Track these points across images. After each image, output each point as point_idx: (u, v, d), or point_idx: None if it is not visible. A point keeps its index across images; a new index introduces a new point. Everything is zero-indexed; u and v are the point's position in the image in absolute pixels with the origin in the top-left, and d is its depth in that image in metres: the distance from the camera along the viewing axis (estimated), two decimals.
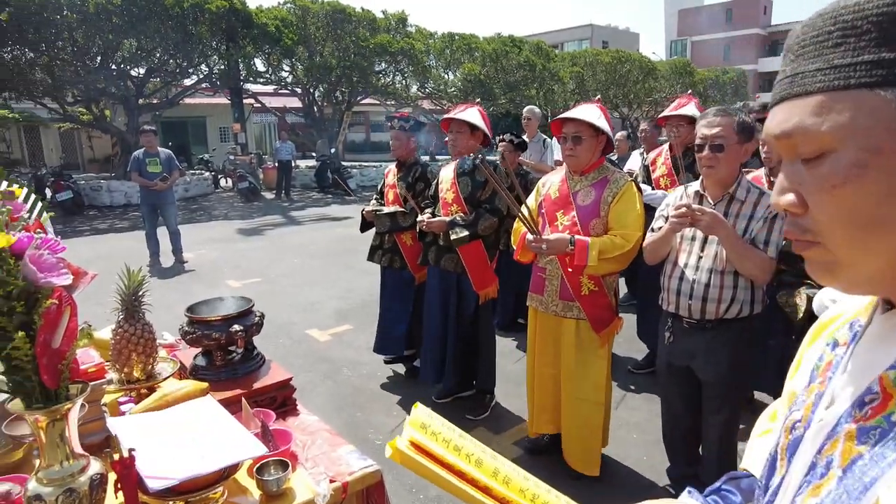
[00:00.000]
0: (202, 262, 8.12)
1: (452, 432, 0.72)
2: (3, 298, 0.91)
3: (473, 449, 0.71)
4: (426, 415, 0.71)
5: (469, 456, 0.70)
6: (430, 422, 0.71)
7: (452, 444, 0.70)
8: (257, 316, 1.71)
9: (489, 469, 0.70)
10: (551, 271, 2.78)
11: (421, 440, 0.67)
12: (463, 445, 0.71)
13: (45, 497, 0.99)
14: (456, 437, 0.71)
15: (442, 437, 0.70)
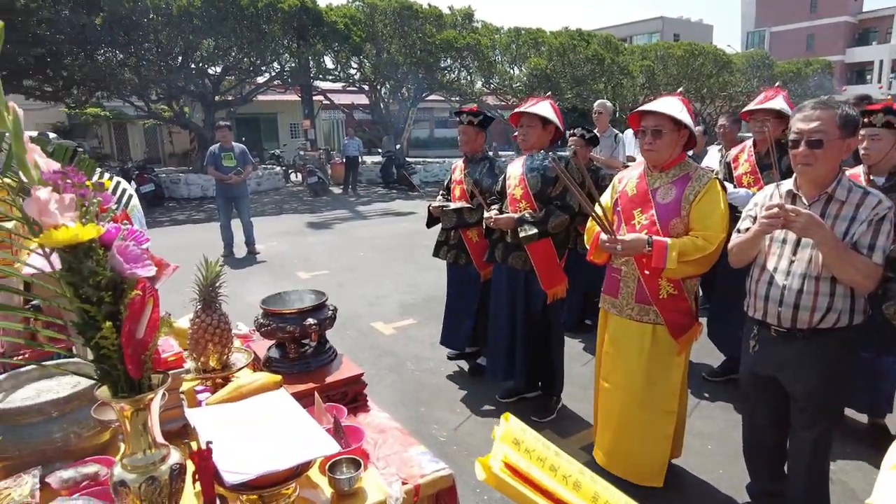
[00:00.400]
0: (273, 253, 8.38)
1: (547, 450, 0.66)
2: (92, 288, 0.93)
3: (570, 469, 0.65)
4: (519, 429, 0.66)
5: (566, 478, 0.65)
6: (524, 437, 0.65)
7: (548, 462, 0.64)
8: (330, 310, 1.70)
9: (588, 493, 0.64)
10: (627, 273, 2.66)
11: (515, 461, 0.62)
12: (559, 465, 0.65)
13: (129, 483, 1.01)
14: (551, 455, 0.65)
15: (536, 456, 0.64)
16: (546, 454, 0.65)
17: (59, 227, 0.89)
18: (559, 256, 3.31)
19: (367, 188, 17.22)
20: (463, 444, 3.35)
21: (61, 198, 0.91)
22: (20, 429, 1.28)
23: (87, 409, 1.32)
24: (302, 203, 14.23)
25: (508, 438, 0.65)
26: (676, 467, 3.02)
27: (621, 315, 2.70)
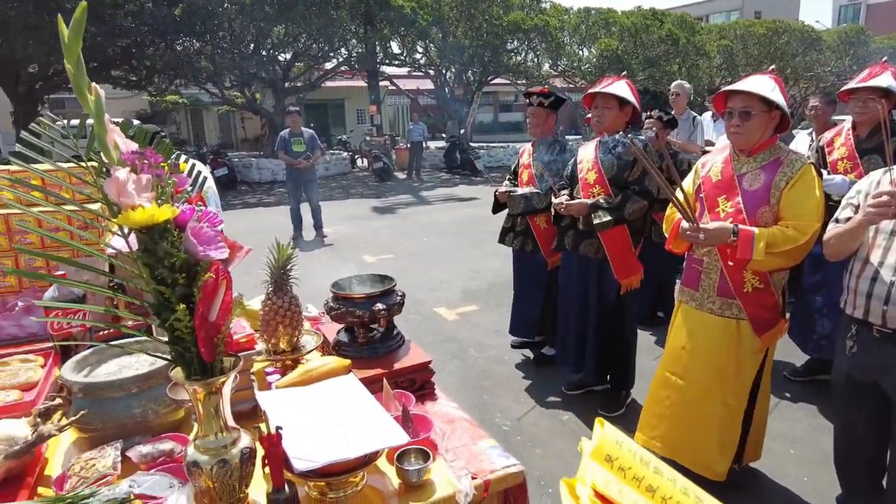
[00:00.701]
0: (340, 237, 8.54)
1: (646, 466, 0.58)
2: (167, 270, 0.92)
3: (671, 489, 0.57)
4: (614, 442, 0.58)
5: (665, 500, 0.57)
6: (619, 452, 0.58)
7: (646, 482, 0.57)
8: (399, 295, 1.68)
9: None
10: (709, 264, 2.50)
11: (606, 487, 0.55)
12: (658, 484, 0.57)
13: (201, 464, 1.01)
14: (649, 473, 0.58)
15: (632, 475, 0.57)
16: (643, 472, 0.58)
17: (136, 207, 0.89)
18: (634, 245, 3.16)
19: (431, 173, 17.25)
20: (527, 434, 3.29)
21: (138, 178, 0.91)
22: (104, 402, 1.32)
23: (164, 387, 1.35)
24: (367, 188, 14.44)
25: (600, 454, 0.57)
26: (755, 471, 2.85)
27: (701, 309, 2.55)
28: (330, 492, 1.17)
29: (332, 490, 1.17)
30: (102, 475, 1.16)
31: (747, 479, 2.77)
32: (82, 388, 1.32)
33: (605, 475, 0.55)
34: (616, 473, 0.56)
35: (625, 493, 0.54)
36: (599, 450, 0.56)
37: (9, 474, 1.23)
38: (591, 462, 0.56)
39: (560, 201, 3.19)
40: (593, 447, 0.57)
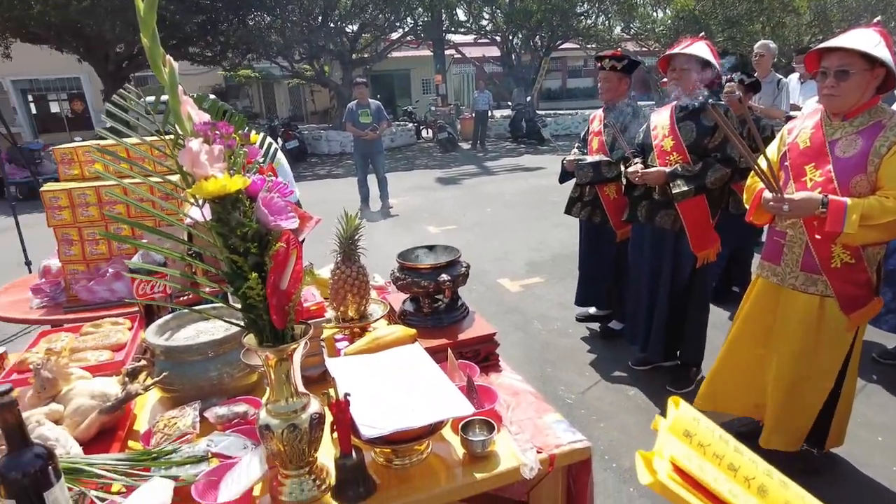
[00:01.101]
0: (405, 207, 8.62)
1: (725, 444, 0.54)
2: (239, 239, 0.95)
3: (754, 469, 0.53)
4: (691, 419, 0.55)
5: (749, 480, 0.53)
6: (697, 428, 0.54)
7: (727, 460, 0.53)
8: (464, 266, 1.67)
9: (777, 499, 0.52)
10: (793, 237, 2.34)
11: (685, 460, 0.51)
12: (740, 463, 0.53)
13: (273, 428, 1.05)
14: (731, 452, 0.54)
15: (712, 452, 0.53)
16: (724, 450, 0.54)
17: (209, 178, 0.91)
18: (712, 215, 3.00)
19: (496, 143, 17.03)
20: (591, 408, 3.24)
21: (211, 149, 0.93)
22: (183, 365, 1.39)
23: (238, 352, 1.40)
24: (432, 158, 14.45)
25: (678, 430, 0.54)
26: (837, 457, 2.70)
27: (783, 284, 2.40)
28: (395, 459, 1.19)
29: (398, 457, 1.19)
30: (183, 433, 1.23)
31: (827, 464, 2.63)
32: (164, 351, 1.39)
33: (685, 450, 0.52)
34: (696, 449, 0.52)
35: (705, 468, 0.51)
36: (677, 425, 0.53)
37: (103, 427, 1.33)
38: (669, 436, 0.53)
39: (635, 170, 3.05)
40: (671, 422, 0.53)
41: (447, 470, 1.18)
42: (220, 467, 1.12)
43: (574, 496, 1.31)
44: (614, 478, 2.69)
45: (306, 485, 1.09)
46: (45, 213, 2.50)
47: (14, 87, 18.74)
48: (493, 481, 1.16)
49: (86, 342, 1.74)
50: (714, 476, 0.51)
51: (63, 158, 2.61)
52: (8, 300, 2.76)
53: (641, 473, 0.51)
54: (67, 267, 2.59)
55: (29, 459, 0.92)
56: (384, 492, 1.12)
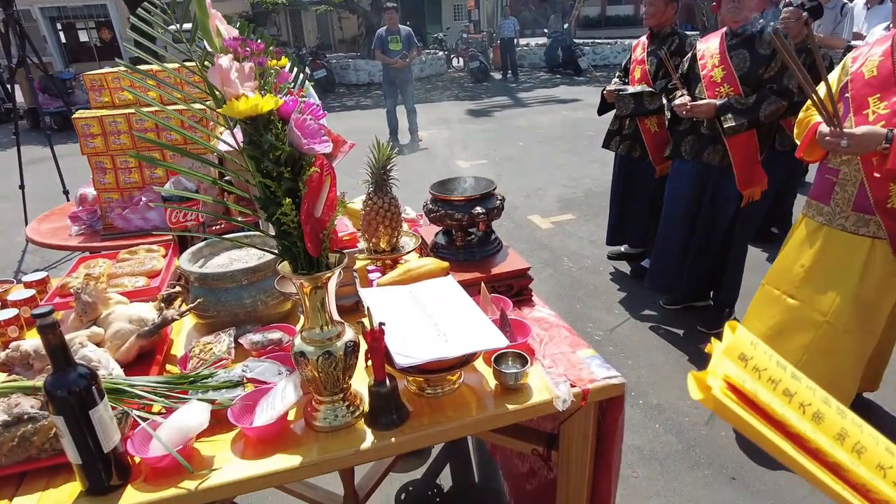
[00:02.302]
0: (435, 140, 8.46)
1: (783, 370, 0.50)
2: (272, 163, 0.91)
3: (811, 396, 0.50)
4: (748, 343, 0.51)
5: (804, 406, 0.49)
6: (753, 353, 0.50)
7: (782, 386, 0.49)
8: (498, 199, 1.61)
9: (832, 429, 0.49)
10: (846, 174, 2.20)
11: (740, 380, 0.48)
12: (797, 390, 0.50)
13: (307, 355, 1.05)
14: (787, 377, 0.50)
15: (768, 377, 0.50)
16: (780, 375, 0.50)
17: (240, 97, 0.87)
18: (760, 152, 2.85)
19: (530, 73, 16.43)
20: (620, 345, 3.24)
21: (241, 67, 0.88)
22: (217, 292, 1.40)
23: (272, 280, 1.40)
24: (463, 89, 14.06)
25: (733, 353, 0.50)
26: (869, 402, 2.66)
27: (831, 225, 2.29)
28: (428, 388, 1.19)
29: (430, 386, 1.19)
30: (219, 359, 1.25)
31: (858, 409, 2.59)
32: (198, 278, 1.40)
33: (739, 372, 0.48)
34: (750, 373, 0.49)
35: (759, 392, 0.48)
36: (733, 348, 0.49)
37: (142, 351, 1.36)
38: (724, 359, 0.49)
39: (683, 102, 2.88)
40: (726, 344, 0.50)
41: (479, 401, 1.17)
42: (255, 392, 1.14)
43: (604, 432, 1.31)
44: (640, 414, 2.71)
45: (340, 411, 1.10)
46: (79, 140, 2.50)
47: (42, 15, 18.62)
48: (525, 413, 1.15)
49: (122, 268, 1.76)
50: (768, 400, 0.48)
51: (93, 85, 2.58)
52: (48, 227, 2.83)
53: (692, 390, 0.48)
54: (102, 195, 2.61)
55: (73, 379, 0.94)
56: (416, 419, 1.13)
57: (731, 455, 2.44)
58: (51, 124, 9.58)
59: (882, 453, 0.49)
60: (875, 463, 0.48)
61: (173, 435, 1.02)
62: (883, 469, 0.48)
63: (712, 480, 2.33)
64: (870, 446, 0.49)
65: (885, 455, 0.48)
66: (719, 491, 2.28)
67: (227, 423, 1.11)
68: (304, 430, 1.12)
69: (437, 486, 2.36)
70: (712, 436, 2.55)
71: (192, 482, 1.01)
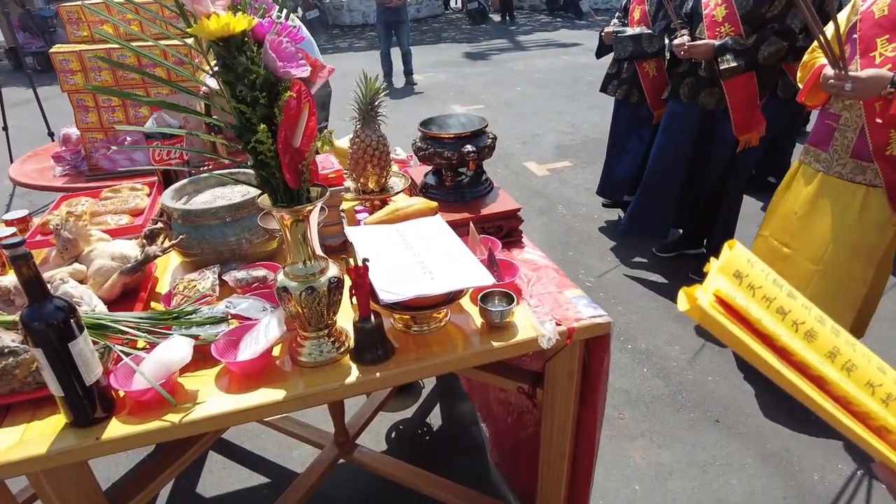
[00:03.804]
0: (430, 84, 8.26)
1: (779, 288, 0.49)
2: (247, 88, 0.87)
3: (805, 315, 0.49)
4: (744, 260, 0.49)
5: (797, 324, 0.48)
6: (749, 270, 0.49)
7: (776, 304, 0.48)
8: (490, 138, 1.57)
9: (825, 347, 0.48)
10: (847, 120, 2.15)
11: (732, 296, 0.46)
12: (791, 307, 0.49)
13: (290, 290, 1.03)
14: (782, 295, 0.49)
15: (762, 294, 0.48)
16: (775, 293, 0.49)
17: (211, 16, 0.82)
18: (760, 97, 2.78)
19: (529, 15, 15.90)
20: (610, 291, 3.25)
21: None
22: (201, 229, 1.37)
23: (256, 217, 1.37)
24: (460, 32, 13.63)
25: (728, 270, 0.49)
26: None
27: (828, 172, 2.25)
28: (414, 325, 1.19)
29: (417, 324, 1.19)
30: (203, 295, 1.23)
31: None
32: (181, 215, 1.37)
33: (732, 289, 0.47)
34: (744, 290, 0.48)
35: (751, 308, 0.46)
36: (728, 265, 0.48)
37: (125, 289, 1.34)
38: (718, 275, 0.48)
39: (681, 42, 2.79)
40: (722, 261, 0.48)
41: (465, 338, 1.17)
42: (239, 328, 1.13)
43: (589, 371, 1.32)
44: (628, 358, 2.75)
45: (325, 346, 1.10)
46: (58, 77, 2.41)
47: None
48: (510, 350, 1.15)
49: (105, 206, 1.73)
50: (759, 316, 0.47)
51: (70, 18, 2.47)
52: (32, 168, 2.76)
53: (681, 303, 0.47)
54: (86, 135, 2.55)
55: (50, 311, 0.92)
56: (403, 355, 1.13)
57: (717, 399, 2.49)
58: (33, 65, 9.28)
59: (873, 371, 0.48)
60: (865, 381, 0.48)
61: (156, 369, 1.02)
62: (872, 386, 0.48)
63: (697, 423, 2.38)
64: (861, 364, 0.48)
65: (876, 373, 0.48)
66: (703, 432, 2.33)
67: (211, 360, 1.11)
68: (290, 366, 1.12)
69: (426, 425, 2.41)
70: (699, 380, 2.60)
71: (176, 415, 1.01)
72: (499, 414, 1.99)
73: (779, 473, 2.14)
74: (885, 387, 0.47)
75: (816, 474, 2.13)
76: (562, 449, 1.40)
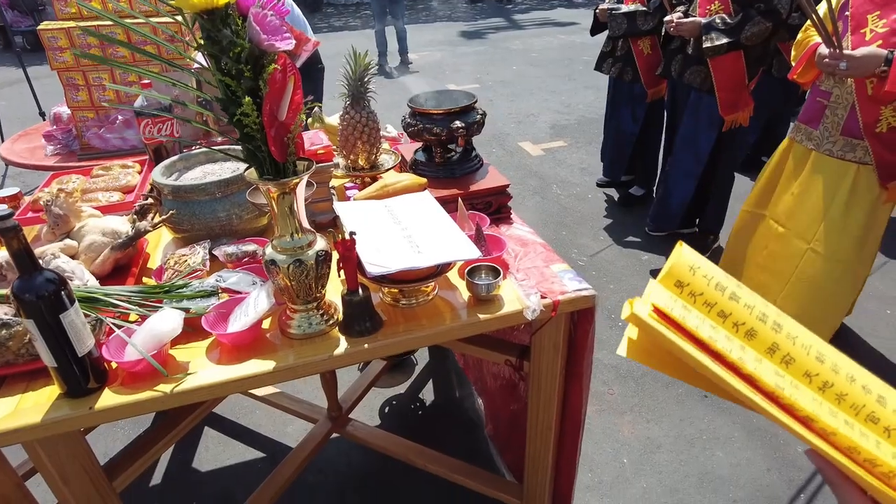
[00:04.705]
0: (425, 63, 8.19)
1: (721, 291, 0.50)
2: (232, 61, 0.88)
3: (746, 315, 0.50)
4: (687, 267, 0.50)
5: (738, 325, 0.50)
6: (691, 278, 0.50)
7: (718, 307, 0.50)
8: (479, 114, 1.57)
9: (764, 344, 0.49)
10: (838, 97, 2.16)
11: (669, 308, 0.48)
12: (731, 310, 0.50)
13: (278, 263, 1.05)
14: (724, 298, 0.50)
15: (703, 301, 0.50)
16: (716, 298, 0.50)
17: None
18: (749, 76, 2.77)
19: None
20: (602, 270, 3.28)
21: None
22: (191, 205, 1.38)
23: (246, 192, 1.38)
24: (456, 10, 13.46)
25: (670, 279, 0.50)
26: (843, 326, 2.73)
27: (818, 150, 2.27)
28: (403, 299, 1.21)
29: (405, 298, 1.21)
30: (193, 270, 1.25)
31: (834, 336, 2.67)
32: (171, 191, 1.38)
33: (670, 300, 0.49)
34: (685, 299, 0.49)
35: (688, 319, 0.48)
36: (670, 275, 0.49)
37: (117, 264, 1.35)
38: (658, 286, 0.50)
39: (671, 18, 2.79)
40: (663, 272, 0.50)
41: (452, 311, 1.19)
42: (229, 301, 1.15)
43: (575, 343, 1.34)
44: (619, 335, 2.76)
45: (314, 319, 1.12)
46: (47, 55, 2.40)
47: None
48: (495, 322, 1.17)
49: (96, 184, 1.73)
50: (696, 324, 0.49)
51: None
52: (23, 147, 2.75)
53: (624, 309, 0.49)
54: (77, 114, 2.53)
55: (41, 283, 0.94)
56: (391, 328, 1.15)
57: None
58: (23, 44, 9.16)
59: (811, 362, 0.49)
60: (802, 371, 0.49)
61: (147, 340, 1.04)
62: (809, 376, 0.49)
63: (685, 398, 2.42)
64: (799, 357, 0.49)
65: (814, 363, 0.49)
66: (691, 407, 2.38)
67: (202, 332, 1.12)
68: (280, 339, 1.14)
69: (419, 400, 2.45)
70: None
71: (168, 385, 1.03)
72: (493, 388, 2.02)
73: (763, 446, 2.18)
74: (822, 375, 0.48)
75: (800, 447, 2.18)
76: (548, 420, 1.43)
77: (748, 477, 2.07)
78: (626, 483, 2.06)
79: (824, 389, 0.49)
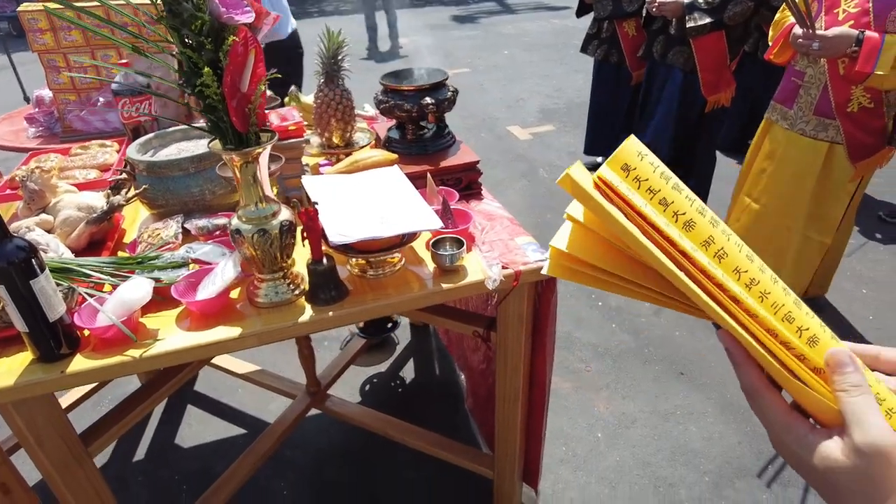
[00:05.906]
0: (416, 47, 8.17)
1: (665, 181, 0.50)
2: (194, 34, 0.90)
3: (687, 206, 0.50)
4: (635, 154, 0.49)
5: (678, 214, 0.50)
6: (638, 164, 0.49)
7: (660, 195, 0.49)
8: (450, 91, 1.60)
9: (700, 236, 0.50)
10: (811, 77, 2.19)
11: (614, 183, 0.48)
12: (673, 199, 0.50)
13: (243, 233, 1.08)
14: (667, 188, 0.49)
15: (647, 186, 0.49)
16: (660, 185, 0.49)
17: None
18: (731, 57, 2.80)
19: None
20: None
21: None
22: (165, 180, 1.41)
23: None
24: None
25: (617, 162, 0.49)
26: (820, 301, 2.79)
27: (792, 129, 2.31)
28: (370, 269, 1.24)
29: (372, 268, 1.24)
30: (166, 243, 1.28)
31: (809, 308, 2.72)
32: (146, 167, 1.40)
33: (616, 179, 0.49)
34: (630, 183, 0.49)
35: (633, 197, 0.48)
36: (616, 159, 0.48)
37: (92, 239, 1.38)
38: (606, 167, 0.49)
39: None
40: (614, 155, 0.49)
41: (418, 281, 1.23)
42: (198, 271, 1.18)
43: (539, 314, 1.38)
44: (599, 315, 2.83)
45: (281, 288, 1.15)
46: (27, 37, 2.39)
47: None
48: (458, 291, 1.21)
49: (74, 162, 1.76)
50: (640, 203, 0.49)
51: None
52: (6, 130, 2.75)
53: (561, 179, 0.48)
54: (59, 96, 2.53)
55: (11, 250, 0.96)
56: (358, 296, 1.18)
57: (683, 354, 2.57)
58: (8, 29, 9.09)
59: (741, 259, 0.51)
60: (733, 267, 0.50)
61: (118, 307, 1.07)
62: (738, 272, 0.50)
63: (661, 375, 2.47)
64: (732, 253, 0.50)
65: (744, 261, 0.50)
66: (667, 384, 2.43)
67: (172, 302, 1.16)
68: (247, 307, 1.17)
69: (399, 378, 2.49)
70: (666, 335, 2.68)
71: (137, 350, 1.06)
72: (473, 362, 2.06)
73: (736, 420, 2.24)
74: (750, 273, 0.51)
75: None
76: (515, 390, 1.47)
77: (719, 450, 2.13)
78: (599, 456, 2.12)
79: (750, 287, 0.50)
